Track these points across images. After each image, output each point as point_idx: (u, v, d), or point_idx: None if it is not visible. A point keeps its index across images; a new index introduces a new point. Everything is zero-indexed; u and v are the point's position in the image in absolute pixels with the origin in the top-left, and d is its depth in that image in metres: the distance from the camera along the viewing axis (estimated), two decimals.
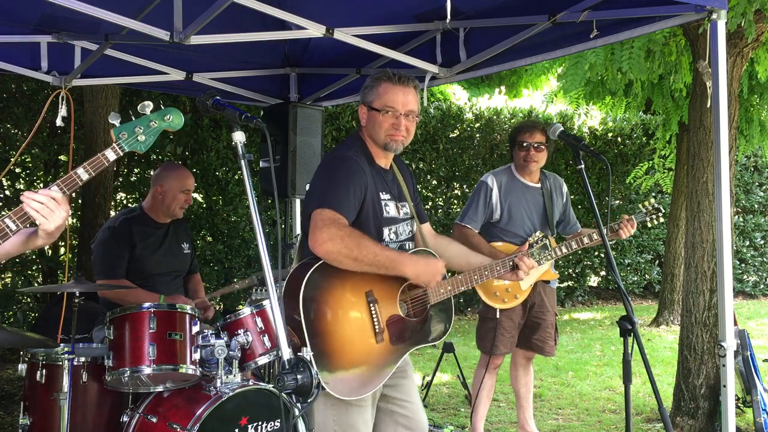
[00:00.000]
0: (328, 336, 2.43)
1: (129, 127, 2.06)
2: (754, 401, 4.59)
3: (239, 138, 2.19)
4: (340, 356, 2.45)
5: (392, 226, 2.69)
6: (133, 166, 7.88)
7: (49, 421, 3.20)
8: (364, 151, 2.68)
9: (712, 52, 2.98)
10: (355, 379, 2.48)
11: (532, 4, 3.54)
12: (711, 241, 4.78)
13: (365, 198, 2.56)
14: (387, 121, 2.63)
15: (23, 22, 3.95)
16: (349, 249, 2.39)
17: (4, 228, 1.94)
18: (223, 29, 3.74)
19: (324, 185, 2.54)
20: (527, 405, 4.51)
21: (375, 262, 2.44)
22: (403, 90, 2.65)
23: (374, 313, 2.53)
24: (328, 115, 8.72)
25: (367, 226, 2.56)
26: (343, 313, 2.48)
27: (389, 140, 2.64)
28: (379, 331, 2.53)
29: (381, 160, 2.73)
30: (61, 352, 3.23)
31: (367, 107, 2.68)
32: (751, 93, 6.97)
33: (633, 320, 2.60)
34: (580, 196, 11.30)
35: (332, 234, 2.38)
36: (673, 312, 9.52)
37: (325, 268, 2.43)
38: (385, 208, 2.66)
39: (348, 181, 2.52)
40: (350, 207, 2.49)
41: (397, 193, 2.76)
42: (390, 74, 2.67)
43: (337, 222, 2.42)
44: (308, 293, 2.40)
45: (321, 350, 2.39)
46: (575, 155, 2.77)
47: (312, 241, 2.41)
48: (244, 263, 8.31)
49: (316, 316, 2.41)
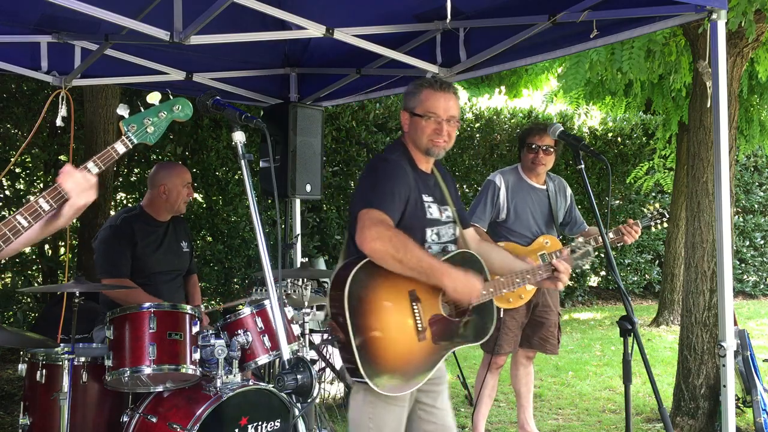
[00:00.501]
0: (371, 333, 2.48)
1: (138, 118, 2.07)
2: (754, 401, 4.59)
3: (239, 138, 2.20)
4: (384, 353, 2.50)
5: (435, 227, 2.73)
6: (133, 166, 7.88)
7: (49, 421, 3.20)
8: (406, 156, 2.75)
9: (712, 52, 2.98)
10: (398, 376, 2.52)
11: (532, 4, 3.54)
12: (711, 241, 4.78)
13: (408, 199, 2.62)
14: (429, 127, 2.68)
15: (23, 22, 3.95)
16: (396, 249, 2.44)
17: (37, 209, 1.98)
18: (223, 29, 3.74)
19: (370, 186, 2.61)
20: (527, 405, 4.52)
21: (417, 267, 2.48)
22: (445, 96, 2.70)
23: (417, 312, 2.57)
24: (328, 115, 8.72)
25: (410, 227, 2.61)
26: (386, 311, 2.53)
27: (431, 145, 2.70)
28: (421, 329, 2.57)
29: (423, 165, 2.79)
30: (61, 352, 3.22)
31: (410, 113, 2.74)
32: (751, 93, 6.97)
33: (633, 320, 2.60)
34: (580, 196, 11.24)
35: (380, 233, 2.44)
36: (673, 312, 9.52)
37: (370, 267, 2.49)
38: (428, 209, 2.72)
39: (393, 182, 2.59)
40: (395, 208, 2.56)
41: (440, 197, 2.81)
42: (431, 81, 2.74)
43: (384, 222, 2.49)
44: (353, 290, 2.45)
45: (365, 347, 2.44)
46: (575, 155, 2.77)
47: (360, 239, 2.46)
48: (244, 263, 8.30)
49: (361, 313, 2.46)
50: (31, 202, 1.99)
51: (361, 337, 2.44)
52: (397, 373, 2.52)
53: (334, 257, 9.14)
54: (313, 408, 4.21)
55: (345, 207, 9.37)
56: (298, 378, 2.03)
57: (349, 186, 9.49)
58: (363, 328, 2.45)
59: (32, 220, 2.00)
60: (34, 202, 1.99)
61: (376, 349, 2.48)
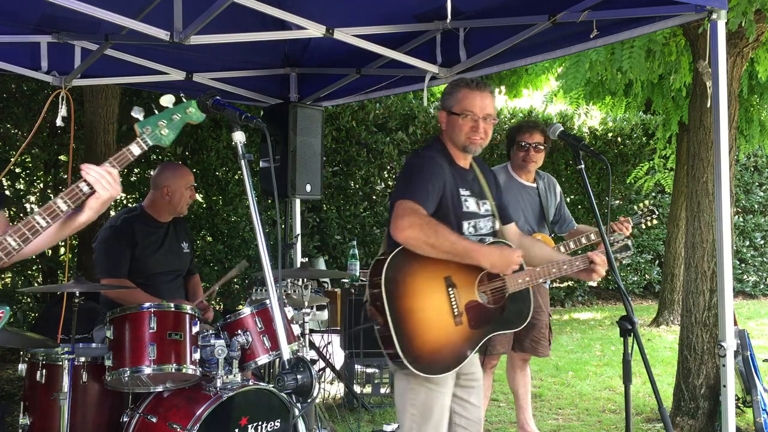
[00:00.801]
0: (408, 315, 2.58)
1: (152, 121, 2.11)
2: (754, 401, 4.59)
3: (239, 138, 2.20)
4: (421, 335, 2.59)
5: (472, 220, 2.84)
6: (133, 166, 7.87)
7: (49, 421, 3.20)
8: (443, 152, 2.86)
9: (712, 52, 2.98)
10: (435, 359, 2.61)
11: (532, 4, 3.53)
12: (711, 241, 4.78)
13: (444, 192, 2.73)
14: (466, 125, 2.80)
15: (23, 22, 3.95)
16: (427, 236, 2.55)
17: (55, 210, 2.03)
18: (223, 29, 3.74)
19: (405, 180, 2.74)
20: (526, 405, 4.52)
21: (451, 249, 2.58)
22: (481, 95, 2.82)
23: (453, 297, 2.66)
24: (328, 115, 8.72)
25: (446, 219, 2.70)
26: (422, 295, 2.63)
27: (468, 142, 2.82)
28: (457, 314, 2.66)
29: (460, 161, 2.90)
30: (61, 352, 3.22)
31: (447, 112, 2.86)
32: (751, 93, 6.97)
33: (633, 320, 2.59)
34: (580, 196, 11.31)
35: (412, 221, 2.55)
36: (673, 312, 9.52)
37: (406, 253, 2.60)
38: (465, 203, 2.82)
39: (427, 175, 2.71)
40: (429, 199, 2.66)
41: (478, 191, 2.91)
42: (468, 80, 2.86)
43: (417, 211, 2.59)
44: (390, 274, 2.57)
45: (402, 329, 2.55)
46: (575, 155, 2.77)
47: (393, 228, 2.59)
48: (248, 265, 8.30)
49: (398, 297, 2.57)
50: (50, 203, 2.03)
51: (398, 319, 2.54)
52: (434, 356, 2.60)
53: (334, 257, 9.15)
54: (313, 408, 4.22)
55: (345, 207, 9.37)
56: (298, 378, 2.03)
57: (349, 186, 9.48)
58: (400, 311, 2.56)
59: (51, 220, 2.04)
60: (53, 203, 2.03)
61: (414, 331, 2.57)
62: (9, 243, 2.00)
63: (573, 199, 11.47)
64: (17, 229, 2.02)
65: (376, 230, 9.65)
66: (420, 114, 10.08)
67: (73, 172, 7.06)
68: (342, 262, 8.92)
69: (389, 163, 9.91)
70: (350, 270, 5.77)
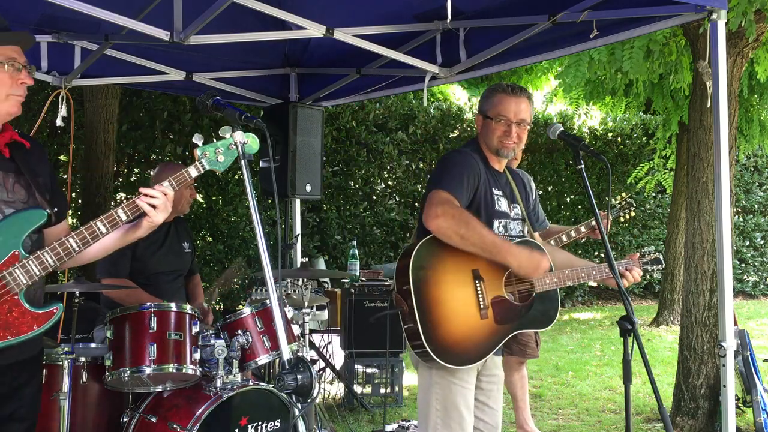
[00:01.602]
0: (434, 304, 2.59)
1: (211, 147, 2.23)
2: (754, 401, 4.59)
3: (239, 138, 2.20)
4: (446, 325, 2.60)
5: (502, 219, 2.85)
6: (133, 166, 7.89)
7: (49, 421, 3.19)
8: (479, 153, 2.89)
9: (712, 52, 2.98)
10: (458, 349, 2.61)
11: (532, 4, 3.53)
12: (711, 241, 4.78)
13: (478, 187, 2.76)
14: (499, 129, 2.83)
15: (23, 22, 3.94)
16: (458, 226, 2.56)
17: (116, 218, 2.16)
18: (223, 29, 3.74)
19: (441, 172, 2.76)
20: (524, 405, 4.53)
21: (480, 243, 2.59)
22: (516, 100, 2.83)
23: (479, 290, 2.67)
24: (328, 115, 8.72)
25: (478, 215, 2.72)
26: (449, 285, 2.64)
27: (501, 146, 2.84)
28: (483, 307, 2.66)
29: (495, 164, 2.93)
30: (61, 352, 3.22)
31: (483, 116, 2.90)
32: (751, 93, 6.97)
33: (633, 320, 2.59)
34: (580, 196, 11.31)
35: (444, 210, 2.57)
36: (673, 312, 9.52)
37: (435, 242, 2.62)
38: (497, 202, 2.84)
39: (462, 169, 2.73)
40: (463, 191, 2.68)
41: (510, 195, 2.93)
42: (504, 86, 2.87)
43: (450, 201, 2.61)
44: (418, 262, 2.59)
45: (427, 318, 2.56)
46: (575, 155, 2.76)
47: (425, 216, 2.60)
48: (244, 263, 8.30)
49: (424, 284, 2.59)
50: (111, 212, 2.16)
51: (424, 308, 2.55)
52: (457, 347, 2.61)
53: (334, 257, 9.15)
54: (313, 408, 4.22)
55: (345, 207, 9.37)
56: (298, 378, 2.03)
57: (349, 186, 9.49)
58: (426, 300, 2.57)
59: (110, 227, 2.16)
60: (114, 212, 2.17)
61: (438, 321, 2.58)
62: (71, 244, 2.12)
63: (573, 199, 11.47)
64: (79, 232, 2.13)
65: (376, 230, 9.65)
66: (420, 114, 10.08)
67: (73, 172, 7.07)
68: (342, 262, 8.93)
69: (389, 163, 9.91)
70: (350, 270, 5.77)
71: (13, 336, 2.08)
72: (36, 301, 2.19)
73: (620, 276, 2.85)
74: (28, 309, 2.11)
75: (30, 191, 2.21)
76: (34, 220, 2.15)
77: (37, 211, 2.17)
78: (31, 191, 2.21)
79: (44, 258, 2.10)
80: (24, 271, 2.07)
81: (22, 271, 2.07)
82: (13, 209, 2.16)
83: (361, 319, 5.40)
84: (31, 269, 2.08)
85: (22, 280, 2.07)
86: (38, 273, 2.09)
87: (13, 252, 2.09)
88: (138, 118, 7.89)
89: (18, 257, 2.09)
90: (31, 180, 2.22)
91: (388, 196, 10.11)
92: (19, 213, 2.14)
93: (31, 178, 2.23)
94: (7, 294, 2.06)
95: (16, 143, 2.26)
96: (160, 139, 7.92)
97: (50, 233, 2.26)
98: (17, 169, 2.22)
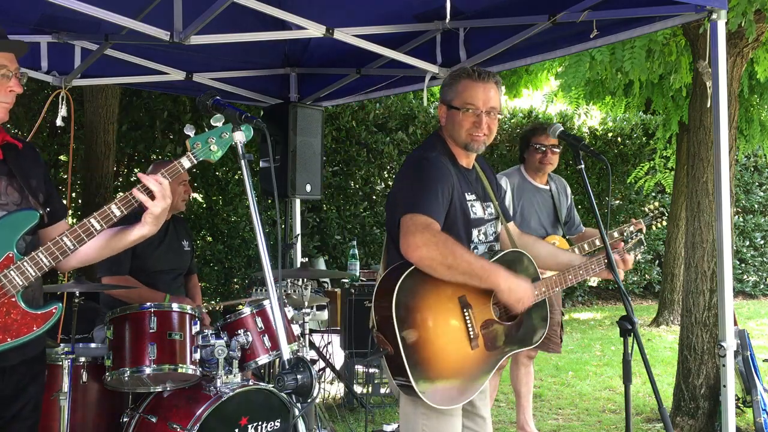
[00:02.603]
0: (422, 343, 2.36)
1: (203, 137, 2.20)
2: (754, 401, 4.58)
3: (239, 138, 2.20)
4: (436, 364, 2.39)
5: (480, 227, 2.62)
6: (133, 165, 7.88)
7: (49, 421, 3.19)
8: (446, 152, 2.60)
9: (712, 52, 2.98)
10: (452, 388, 2.42)
11: (532, 4, 3.53)
12: (711, 241, 4.77)
13: (452, 199, 2.49)
14: (468, 120, 2.53)
15: (23, 22, 3.95)
16: (444, 256, 2.31)
17: (109, 214, 2.12)
18: (223, 29, 3.74)
19: (411, 188, 2.46)
20: (527, 405, 4.52)
21: (469, 271, 2.36)
22: (484, 86, 2.53)
23: (468, 319, 2.45)
24: (328, 115, 8.72)
25: (455, 229, 2.49)
26: (437, 320, 2.41)
27: (470, 140, 2.55)
28: (473, 336, 2.45)
29: (463, 160, 2.65)
30: (61, 351, 3.22)
31: (447, 106, 2.59)
32: (751, 93, 6.96)
33: (633, 320, 2.59)
34: (580, 196, 11.27)
35: (426, 239, 2.31)
36: (673, 312, 9.52)
37: (417, 274, 2.37)
38: (472, 209, 2.58)
39: (435, 183, 2.44)
40: (440, 210, 2.42)
41: (482, 193, 2.69)
42: (470, 71, 2.57)
43: (431, 227, 2.34)
44: (401, 300, 2.33)
45: (416, 358, 2.33)
46: (575, 155, 2.76)
47: (405, 247, 2.34)
48: (244, 263, 8.31)
49: (410, 323, 2.35)
50: (104, 208, 2.13)
51: (411, 348, 2.33)
52: (450, 385, 2.41)
53: (334, 257, 9.15)
54: (313, 408, 4.21)
55: (345, 207, 9.37)
56: (298, 378, 2.02)
57: (349, 186, 9.49)
58: (413, 340, 2.34)
59: (104, 224, 2.12)
60: (107, 208, 2.13)
61: (428, 361, 2.36)
62: (65, 243, 2.10)
63: (573, 199, 11.47)
64: (73, 230, 2.11)
65: (376, 230, 9.65)
66: (420, 114, 10.08)
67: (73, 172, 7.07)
68: (342, 262, 8.93)
69: (389, 163, 9.91)
70: (350, 270, 5.77)
71: (12, 338, 2.07)
72: (34, 302, 2.18)
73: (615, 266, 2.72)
74: (26, 310, 2.10)
75: (23, 194, 2.20)
76: (26, 221, 2.14)
77: (29, 213, 2.16)
78: (24, 194, 2.21)
79: (39, 258, 2.08)
80: (19, 273, 2.06)
81: (18, 272, 2.06)
82: (6, 212, 2.15)
83: (361, 319, 5.40)
84: (27, 270, 2.07)
85: (18, 281, 2.06)
86: (34, 274, 2.08)
87: (7, 254, 2.09)
88: (138, 118, 7.90)
89: (12, 259, 2.08)
90: (23, 182, 2.21)
91: (387, 197, 10.09)
92: (10, 215, 2.14)
93: (23, 180, 2.22)
94: (4, 296, 2.05)
95: (9, 145, 2.26)
96: (160, 139, 7.92)
97: (49, 234, 2.25)
98: (9, 172, 2.21)
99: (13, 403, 2.21)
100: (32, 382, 2.27)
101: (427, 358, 2.36)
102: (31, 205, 2.20)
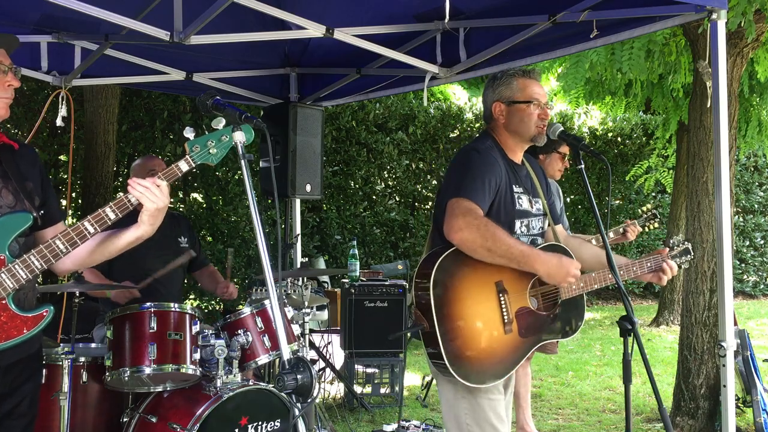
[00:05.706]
0: (456, 322, 2.47)
1: (202, 140, 2.18)
2: (754, 401, 4.59)
3: (239, 138, 2.20)
4: (469, 343, 2.48)
5: (524, 219, 2.70)
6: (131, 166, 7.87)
7: (49, 421, 3.19)
8: (497, 146, 2.73)
9: (712, 52, 2.98)
10: (483, 367, 2.50)
11: (532, 4, 3.53)
12: (711, 241, 4.78)
13: (499, 189, 2.60)
14: (536, 113, 2.69)
15: (23, 22, 3.95)
16: (484, 238, 2.43)
17: (103, 217, 2.10)
18: (223, 29, 3.74)
19: (460, 176, 2.58)
20: (526, 405, 4.52)
21: (508, 254, 2.47)
22: (537, 83, 2.73)
23: (503, 304, 2.55)
24: (328, 115, 8.72)
25: (498, 218, 2.58)
26: (472, 301, 2.51)
27: (537, 132, 2.69)
28: (507, 321, 2.55)
29: (514, 156, 2.77)
30: (61, 351, 3.22)
31: (506, 103, 2.72)
32: (751, 93, 6.97)
33: (633, 320, 2.59)
34: (580, 196, 11.31)
35: (468, 222, 2.43)
36: (673, 312, 9.52)
37: (457, 255, 2.48)
38: (518, 200, 2.68)
39: (483, 172, 2.56)
40: (485, 197, 2.53)
41: (531, 188, 2.78)
42: (520, 71, 2.75)
43: (473, 211, 2.47)
44: (439, 277, 2.45)
45: (449, 336, 2.44)
46: (575, 155, 2.75)
47: (448, 228, 2.46)
48: (244, 263, 8.31)
49: (446, 302, 2.46)
50: (99, 211, 2.11)
51: (445, 326, 2.44)
52: (481, 365, 2.50)
53: (334, 257, 9.15)
54: (313, 408, 4.22)
55: (345, 207, 9.37)
56: (298, 378, 2.02)
57: (349, 186, 9.49)
58: (448, 318, 2.45)
59: (98, 227, 2.11)
60: (101, 211, 2.11)
61: (461, 339, 2.46)
62: (57, 246, 2.08)
63: (573, 199, 11.46)
64: (66, 233, 2.09)
65: (376, 230, 9.65)
66: (420, 114, 10.08)
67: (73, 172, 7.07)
68: (342, 262, 8.93)
69: (389, 163, 9.91)
70: (350, 270, 5.77)
71: (2, 340, 2.06)
72: (26, 305, 2.17)
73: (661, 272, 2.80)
74: (16, 313, 2.08)
75: (18, 196, 2.18)
76: (19, 224, 2.12)
77: (22, 215, 2.14)
78: (20, 196, 2.19)
79: (30, 261, 2.06)
80: (10, 275, 2.05)
81: (8, 275, 2.04)
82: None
83: (361, 319, 5.40)
84: (18, 273, 2.05)
85: (9, 284, 2.05)
86: (25, 276, 2.06)
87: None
88: (138, 118, 7.90)
89: (3, 262, 2.07)
90: (19, 184, 2.19)
91: (388, 196, 10.11)
92: (2, 218, 2.12)
93: (18, 182, 2.20)
94: None
95: (5, 146, 2.24)
96: (160, 139, 7.92)
97: (45, 236, 2.24)
98: (5, 174, 2.19)
99: (8, 399, 2.20)
100: (28, 380, 2.27)
101: (459, 336, 2.46)
102: (25, 208, 2.18)
